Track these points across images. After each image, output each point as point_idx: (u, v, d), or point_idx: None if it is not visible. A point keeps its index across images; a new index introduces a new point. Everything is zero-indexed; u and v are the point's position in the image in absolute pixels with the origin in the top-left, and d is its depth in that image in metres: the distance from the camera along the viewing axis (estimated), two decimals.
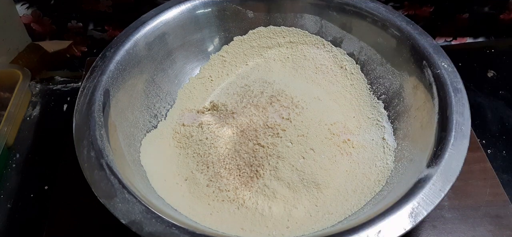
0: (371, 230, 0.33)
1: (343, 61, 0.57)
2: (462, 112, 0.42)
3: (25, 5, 0.66)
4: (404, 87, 0.50)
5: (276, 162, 0.46)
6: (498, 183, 0.48)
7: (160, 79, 0.53)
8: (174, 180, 0.47)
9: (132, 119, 0.48)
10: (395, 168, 0.46)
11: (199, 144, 0.49)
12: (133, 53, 0.50)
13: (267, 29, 0.59)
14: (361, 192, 0.45)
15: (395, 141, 0.49)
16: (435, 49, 0.48)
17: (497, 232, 0.44)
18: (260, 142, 0.48)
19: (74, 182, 0.42)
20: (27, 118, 0.61)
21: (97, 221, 0.46)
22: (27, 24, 0.68)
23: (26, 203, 0.51)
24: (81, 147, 0.40)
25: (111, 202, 0.35)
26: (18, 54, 0.67)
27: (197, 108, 0.54)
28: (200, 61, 0.58)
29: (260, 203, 0.44)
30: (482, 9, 0.69)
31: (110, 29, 0.70)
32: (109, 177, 0.37)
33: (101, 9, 0.67)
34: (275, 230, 0.42)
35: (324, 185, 0.45)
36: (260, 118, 0.50)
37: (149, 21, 0.52)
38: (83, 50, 0.73)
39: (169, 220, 0.34)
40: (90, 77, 0.46)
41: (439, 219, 0.46)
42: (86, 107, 0.43)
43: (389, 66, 0.53)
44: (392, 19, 0.52)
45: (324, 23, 0.57)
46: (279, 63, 0.59)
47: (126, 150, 0.45)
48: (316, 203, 0.44)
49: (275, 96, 0.52)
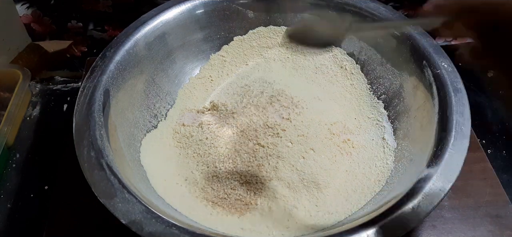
0: (371, 230, 0.34)
1: (343, 61, 0.57)
2: (462, 112, 0.42)
3: (25, 5, 0.66)
4: (404, 87, 0.50)
5: (276, 162, 0.46)
6: (498, 183, 0.48)
7: (160, 79, 0.53)
8: (174, 180, 0.47)
9: (132, 119, 0.48)
10: (395, 168, 0.46)
11: (199, 144, 0.49)
12: (133, 53, 0.50)
13: (267, 29, 0.59)
14: (361, 192, 0.45)
15: (395, 141, 0.49)
16: (435, 49, 0.48)
17: (497, 232, 0.44)
18: (260, 142, 0.48)
19: (74, 182, 0.41)
20: (27, 118, 0.61)
21: (97, 221, 0.46)
22: (27, 24, 0.68)
23: (26, 203, 0.51)
24: (81, 147, 0.40)
25: (111, 202, 0.35)
26: (18, 54, 0.67)
27: (197, 108, 0.54)
28: (200, 61, 0.58)
29: (260, 203, 0.44)
30: None
31: (110, 29, 0.70)
32: (109, 177, 0.37)
33: (101, 9, 0.67)
34: (275, 230, 0.42)
35: (324, 185, 0.45)
36: (260, 118, 0.50)
37: (149, 21, 0.52)
38: (83, 50, 0.73)
39: (169, 220, 0.34)
40: (90, 77, 0.46)
41: (439, 219, 0.46)
42: (86, 107, 0.43)
43: (389, 66, 0.53)
44: (392, 19, 0.52)
45: None
46: (279, 63, 0.59)
47: (126, 150, 0.45)
48: (316, 203, 0.44)
49: (275, 96, 0.52)
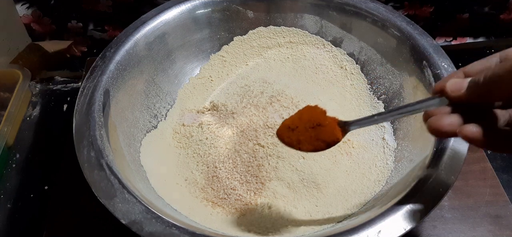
0: (371, 230, 0.34)
1: (343, 61, 0.57)
2: None
3: (25, 5, 0.66)
4: (404, 87, 0.50)
5: (276, 162, 0.46)
6: (498, 183, 0.48)
7: (160, 79, 0.53)
8: (174, 180, 0.47)
9: (132, 119, 0.48)
10: (395, 168, 0.46)
11: (199, 144, 0.49)
12: (133, 53, 0.50)
13: (267, 29, 0.59)
14: (361, 192, 0.45)
15: (395, 141, 0.49)
16: (435, 49, 0.48)
17: (497, 232, 0.44)
18: (260, 142, 0.48)
19: (74, 182, 0.42)
20: (27, 118, 0.61)
21: (97, 221, 0.46)
22: (27, 24, 0.68)
23: (26, 203, 0.51)
24: (81, 147, 0.40)
25: (111, 202, 0.35)
26: (18, 54, 0.67)
27: (197, 108, 0.54)
28: (200, 61, 0.58)
29: (260, 203, 0.44)
30: (482, 9, 0.69)
31: (110, 29, 0.70)
32: (109, 177, 0.37)
33: (101, 9, 0.67)
34: (275, 230, 0.42)
35: (324, 185, 0.45)
36: (260, 118, 0.50)
37: (149, 21, 0.52)
38: (83, 50, 0.73)
39: (169, 220, 0.34)
40: (90, 77, 0.46)
41: (439, 219, 0.46)
42: (86, 107, 0.43)
43: (389, 66, 0.53)
44: (392, 19, 0.52)
45: (324, 23, 0.57)
46: (279, 63, 0.59)
47: (126, 150, 0.45)
48: (316, 203, 0.44)
49: (275, 96, 0.52)
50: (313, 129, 0.34)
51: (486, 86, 0.25)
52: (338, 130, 0.34)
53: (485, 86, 0.25)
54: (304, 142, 0.35)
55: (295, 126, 0.35)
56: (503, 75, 0.24)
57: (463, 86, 0.27)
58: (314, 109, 0.35)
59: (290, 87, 0.54)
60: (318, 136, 0.34)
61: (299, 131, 0.35)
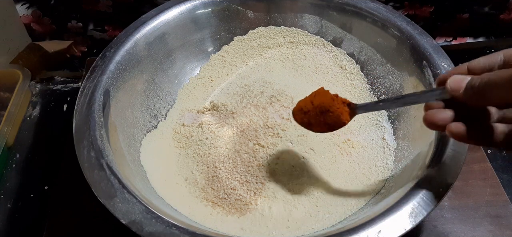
0: (371, 230, 0.33)
1: (343, 61, 0.57)
2: None
3: (25, 5, 0.66)
4: (404, 87, 0.50)
5: (276, 162, 0.46)
6: (498, 183, 0.48)
7: (160, 79, 0.53)
8: (174, 180, 0.47)
9: (132, 119, 0.48)
10: (395, 168, 0.46)
11: (199, 144, 0.49)
12: (133, 53, 0.50)
13: (267, 29, 0.59)
14: (361, 192, 0.45)
15: (395, 141, 0.49)
16: (435, 49, 0.48)
17: (497, 232, 0.44)
18: (260, 142, 0.48)
19: (74, 182, 0.42)
20: (27, 118, 0.61)
21: (97, 221, 0.46)
22: (27, 24, 0.68)
23: (26, 203, 0.51)
24: (81, 147, 0.40)
25: (111, 202, 0.35)
26: (18, 54, 0.67)
27: (197, 108, 0.54)
28: (200, 61, 0.58)
29: (260, 203, 0.44)
30: (482, 9, 0.69)
31: (110, 29, 0.70)
32: (109, 177, 0.37)
33: (101, 9, 0.67)
34: (275, 230, 0.42)
35: (324, 185, 0.45)
36: (260, 118, 0.50)
37: (149, 21, 0.52)
38: (83, 50, 0.73)
39: (169, 220, 0.34)
40: (90, 77, 0.46)
41: (439, 219, 0.46)
42: (86, 107, 0.43)
43: (389, 66, 0.53)
44: (392, 19, 0.52)
45: (324, 23, 0.57)
46: (279, 63, 0.59)
47: (126, 150, 0.45)
48: (316, 203, 0.44)
49: (275, 96, 0.52)
50: (322, 113, 0.39)
51: (481, 91, 0.26)
52: (345, 114, 0.38)
53: (480, 92, 0.26)
54: (315, 124, 0.40)
55: (307, 110, 0.40)
56: (498, 83, 0.25)
57: (462, 86, 0.28)
58: (325, 94, 0.39)
59: (290, 87, 0.54)
60: (326, 120, 0.39)
61: (311, 115, 0.40)
